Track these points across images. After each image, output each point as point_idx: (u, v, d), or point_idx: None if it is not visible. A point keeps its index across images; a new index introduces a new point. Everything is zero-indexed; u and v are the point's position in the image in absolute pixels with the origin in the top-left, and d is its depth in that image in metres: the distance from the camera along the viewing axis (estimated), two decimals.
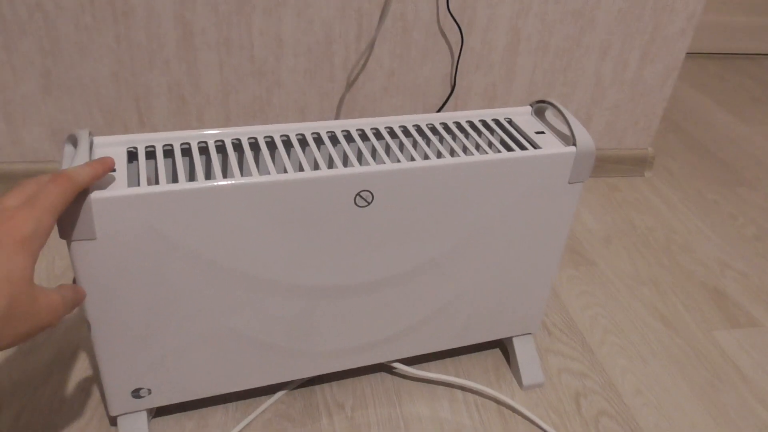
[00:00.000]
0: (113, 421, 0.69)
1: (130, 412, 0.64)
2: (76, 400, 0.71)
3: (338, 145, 0.64)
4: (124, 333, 0.58)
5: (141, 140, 0.58)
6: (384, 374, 0.77)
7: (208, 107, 1.04)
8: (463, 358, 0.81)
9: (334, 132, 0.63)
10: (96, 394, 0.72)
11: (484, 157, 0.61)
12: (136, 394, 0.63)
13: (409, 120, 0.66)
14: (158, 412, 0.70)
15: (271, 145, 0.62)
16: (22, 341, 0.44)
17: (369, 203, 0.59)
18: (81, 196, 0.49)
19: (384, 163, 0.59)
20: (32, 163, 1.04)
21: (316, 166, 0.58)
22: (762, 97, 1.76)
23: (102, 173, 0.50)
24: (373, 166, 0.57)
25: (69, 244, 0.52)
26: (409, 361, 0.77)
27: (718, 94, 1.75)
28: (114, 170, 0.54)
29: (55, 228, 1.01)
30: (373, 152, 0.64)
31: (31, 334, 0.45)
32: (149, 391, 0.63)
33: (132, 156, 0.58)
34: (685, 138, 1.49)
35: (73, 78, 0.97)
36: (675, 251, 1.07)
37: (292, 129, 0.62)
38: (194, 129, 0.61)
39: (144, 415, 0.65)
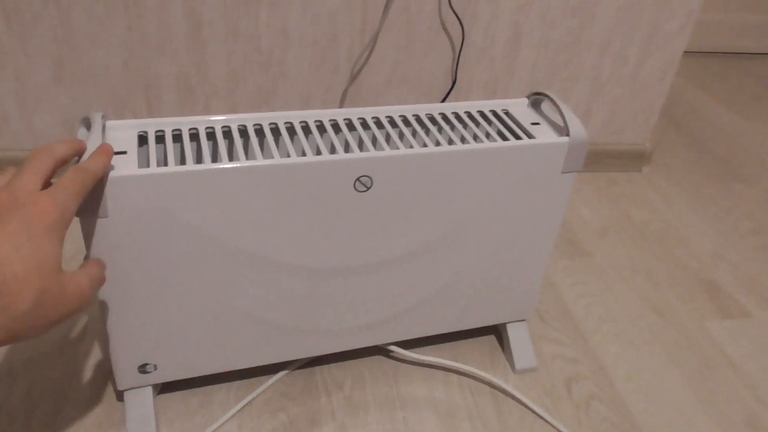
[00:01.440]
0: (120, 396, 0.71)
1: (136, 387, 0.67)
2: (86, 377, 0.74)
3: (340, 132, 0.66)
4: (133, 309, 0.61)
5: (151, 124, 0.60)
6: (382, 357, 0.80)
7: (215, 97, 1.07)
8: (460, 343, 0.83)
9: (336, 120, 0.66)
10: (104, 371, 0.75)
11: (479, 145, 0.64)
12: (143, 369, 0.66)
13: (410, 110, 0.69)
14: (163, 389, 0.73)
15: (275, 131, 0.64)
16: (50, 328, 0.45)
17: (368, 188, 0.61)
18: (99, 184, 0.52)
19: (383, 149, 0.61)
20: None
21: (318, 152, 0.60)
22: (762, 95, 1.77)
23: (110, 162, 0.52)
24: (372, 152, 0.60)
25: (82, 222, 0.54)
26: (407, 345, 0.80)
27: (718, 92, 1.77)
28: (125, 152, 0.56)
29: None
30: (374, 140, 0.67)
31: (60, 321, 0.45)
32: (155, 367, 0.66)
33: (142, 140, 0.60)
34: (684, 135, 1.51)
35: (85, 67, 1.00)
36: (670, 244, 1.10)
37: (296, 116, 0.65)
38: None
39: (150, 390, 0.68)
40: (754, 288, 1.01)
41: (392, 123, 0.68)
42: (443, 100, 1.15)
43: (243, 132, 0.63)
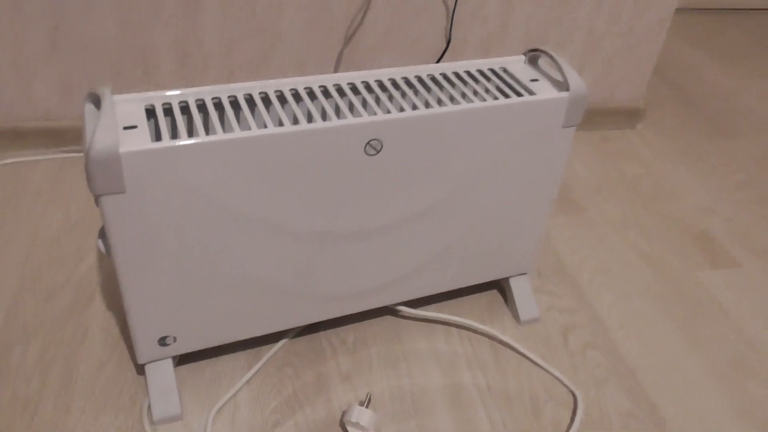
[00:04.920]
0: (140, 370, 0.74)
1: (156, 360, 0.69)
2: (98, 339, 0.76)
3: (345, 96, 0.67)
4: (152, 283, 0.62)
5: (156, 98, 0.61)
6: (386, 316, 0.83)
7: (212, 61, 1.07)
8: (459, 300, 0.86)
9: (340, 84, 0.67)
10: (117, 333, 0.77)
11: (484, 103, 0.65)
12: (163, 341, 0.67)
13: (411, 71, 0.70)
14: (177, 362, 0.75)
15: (281, 98, 0.65)
16: None
17: (378, 151, 0.63)
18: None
19: (390, 112, 0.62)
20: (45, 120, 1.07)
21: (324, 116, 0.61)
22: (754, 51, 1.78)
23: None
24: (382, 116, 0.61)
25: (99, 199, 0.55)
26: (411, 304, 0.83)
27: (711, 48, 1.77)
28: (135, 127, 0.57)
29: (65, 182, 1.04)
30: (379, 103, 0.68)
31: None
32: (174, 339, 0.68)
33: (150, 113, 0.61)
34: (677, 92, 1.52)
35: (80, 35, 1.00)
36: (662, 198, 1.13)
37: (300, 83, 0.66)
38: (199, 83, 0.64)
39: (170, 362, 0.70)
40: (744, 239, 1.04)
41: (395, 85, 0.69)
42: (438, 60, 1.15)
43: (249, 101, 0.64)
